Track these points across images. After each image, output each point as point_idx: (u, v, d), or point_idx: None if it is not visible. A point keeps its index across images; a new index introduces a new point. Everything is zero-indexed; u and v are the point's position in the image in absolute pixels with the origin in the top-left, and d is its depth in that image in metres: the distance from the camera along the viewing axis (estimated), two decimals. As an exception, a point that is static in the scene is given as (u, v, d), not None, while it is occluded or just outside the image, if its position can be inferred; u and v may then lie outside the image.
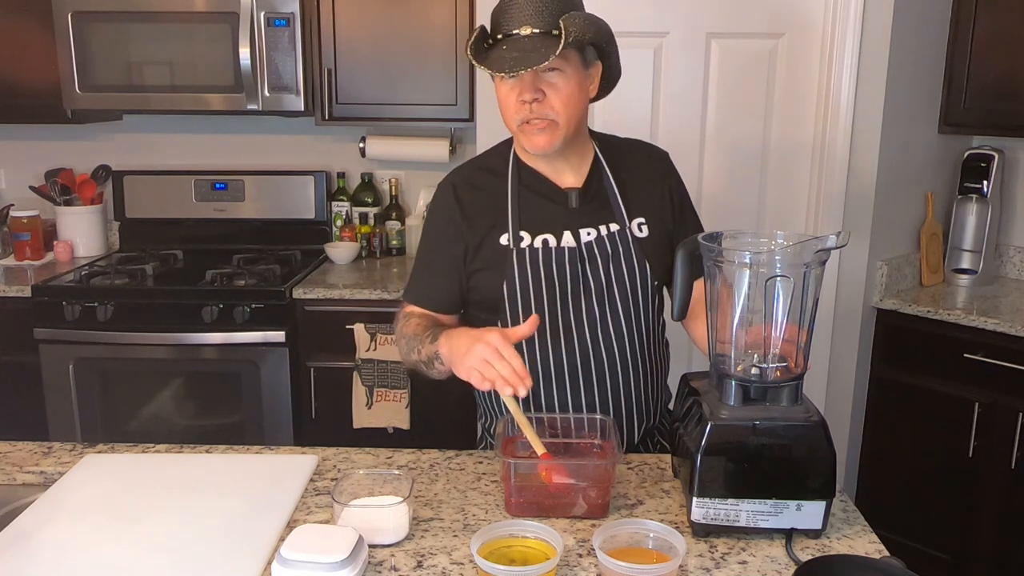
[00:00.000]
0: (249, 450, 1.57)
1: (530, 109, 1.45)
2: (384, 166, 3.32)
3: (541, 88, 1.45)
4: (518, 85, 1.45)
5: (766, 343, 1.27)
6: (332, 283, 2.87)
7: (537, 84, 1.44)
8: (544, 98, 1.45)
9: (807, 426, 1.24)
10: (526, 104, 1.45)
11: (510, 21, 1.44)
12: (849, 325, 2.78)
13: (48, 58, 2.87)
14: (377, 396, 2.79)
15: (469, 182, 1.62)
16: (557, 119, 1.47)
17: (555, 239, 1.55)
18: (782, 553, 1.23)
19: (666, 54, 2.64)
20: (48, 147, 3.34)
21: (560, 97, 1.46)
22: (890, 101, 2.63)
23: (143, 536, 1.25)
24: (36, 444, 1.58)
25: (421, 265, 1.66)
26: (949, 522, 2.72)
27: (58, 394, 2.81)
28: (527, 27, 1.42)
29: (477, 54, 1.44)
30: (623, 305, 1.56)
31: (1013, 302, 2.76)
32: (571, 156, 1.57)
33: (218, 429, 2.84)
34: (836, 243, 1.23)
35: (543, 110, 1.46)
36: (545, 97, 1.45)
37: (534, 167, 1.58)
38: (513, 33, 1.43)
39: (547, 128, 1.47)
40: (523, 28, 1.42)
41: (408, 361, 1.57)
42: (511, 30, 1.43)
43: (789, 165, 2.72)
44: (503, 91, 1.48)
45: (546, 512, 1.31)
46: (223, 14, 2.80)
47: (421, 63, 2.92)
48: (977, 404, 2.59)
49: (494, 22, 1.48)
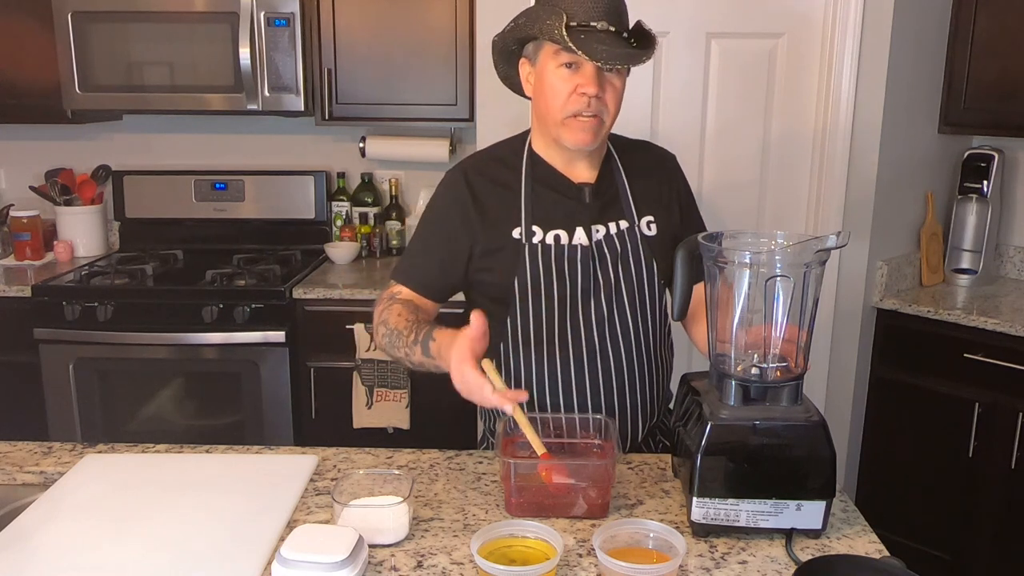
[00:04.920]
0: (249, 450, 1.57)
1: (588, 103, 1.45)
2: (384, 166, 3.32)
3: (604, 85, 1.45)
4: (579, 76, 1.44)
5: (766, 343, 1.27)
6: (332, 283, 2.87)
7: (601, 80, 1.45)
8: (603, 95, 1.46)
9: (807, 426, 1.24)
10: (586, 97, 1.44)
11: (584, 10, 1.42)
12: (849, 325, 2.78)
13: (48, 58, 2.87)
14: (377, 396, 2.79)
15: (482, 172, 1.60)
16: (606, 118, 1.48)
17: (567, 235, 1.54)
18: (782, 553, 1.23)
19: (666, 54, 2.64)
20: (48, 147, 3.35)
21: (615, 97, 1.48)
22: (890, 101, 2.63)
23: (143, 536, 1.25)
24: (36, 444, 1.58)
25: (417, 247, 1.62)
26: (949, 522, 2.72)
27: (58, 394, 2.81)
28: (603, 22, 1.42)
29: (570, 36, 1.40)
30: (631, 303, 1.56)
31: (1013, 302, 2.76)
32: (590, 152, 1.57)
33: (218, 429, 2.84)
34: (836, 243, 1.23)
35: (599, 106, 1.46)
36: (604, 94, 1.46)
37: (548, 161, 1.58)
38: (590, 25, 1.42)
39: (595, 126, 1.48)
40: (599, 22, 1.42)
41: (389, 353, 1.53)
42: (586, 20, 1.42)
43: (789, 165, 2.72)
44: (557, 78, 1.46)
45: (546, 512, 1.31)
46: (223, 14, 2.80)
47: (421, 63, 2.92)
48: (977, 404, 2.59)
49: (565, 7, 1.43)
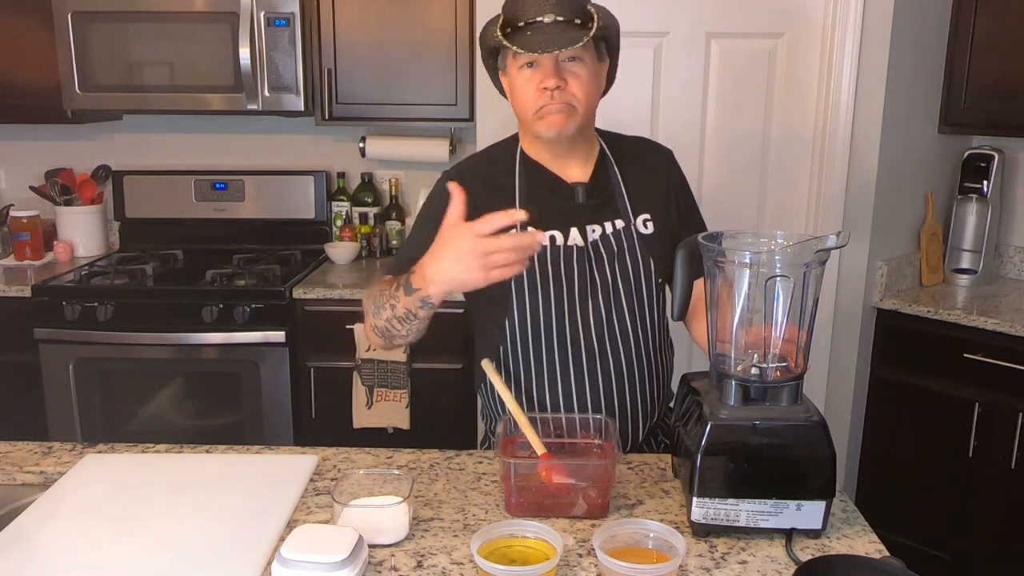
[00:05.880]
0: (249, 450, 1.57)
1: (551, 95, 1.45)
2: (384, 166, 3.32)
3: (564, 76, 1.45)
4: (539, 73, 1.45)
5: (766, 343, 1.27)
6: (332, 283, 2.87)
7: (559, 72, 1.45)
8: (565, 85, 1.46)
9: (807, 426, 1.24)
10: (547, 91, 1.45)
11: (530, 8, 1.43)
12: (849, 325, 2.77)
13: (48, 58, 2.87)
14: (377, 396, 2.79)
15: (476, 173, 1.60)
16: (577, 105, 1.48)
17: (562, 236, 1.54)
18: (782, 553, 1.23)
19: (666, 54, 2.64)
20: (48, 147, 3.34)
21: (581, 84, 1.47)
22: (890, 101, 2.63)
23: (143, 536, 1.25)
24: (36, 444, 1.58)
25: (412, 247, 1.58)
26: (949, 522, 2.72)
27: (58, 394, 2.81)
28: (550, 15, 1.42)
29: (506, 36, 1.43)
30: (628, 302, 1.56)
31: (1013, 302, 2.76)
32: (578, 149, 1.57)
33: (218, 429, 2.84)
34: (836, 243, 1.23)
35: (564, 96, 1.46)
36: (566, 84, 1.46)
37: (540, 162, 1.58)
38: (536, 20, 1.43)
39: (565, 110, 1.47)
40: (546, 16, 1.42)
41: (378, 326, 1.49)
42: (533, 17, 1.43)
43: (789, 165, 2.72)
44: (521, 80, 1.48)
45: (546, 512, 1.31)
46: (223, 14, 2.80)
47: (421, 63, 2.92)
48: (977, 404, 2.59)
49: (511, 12, 1.46)
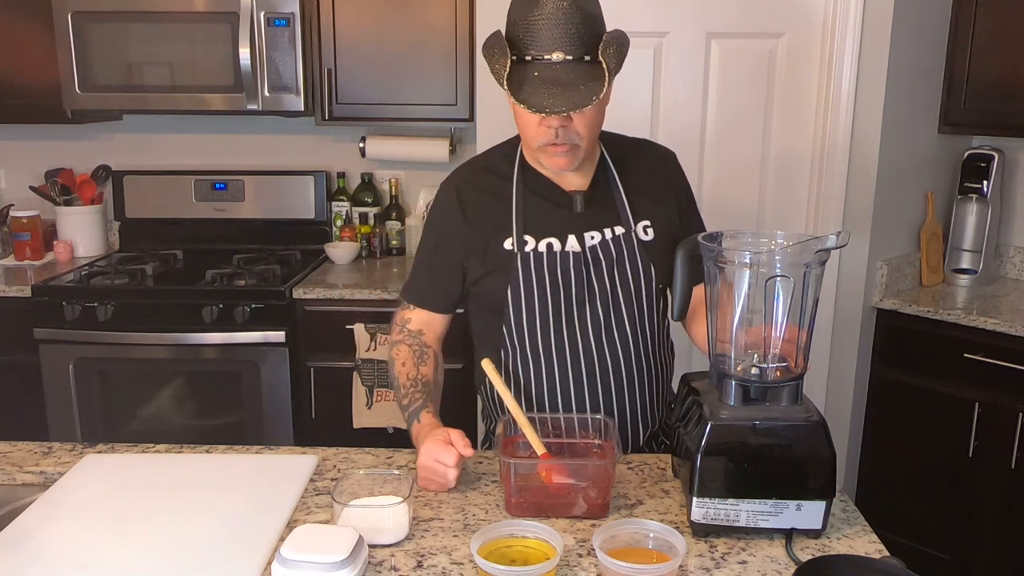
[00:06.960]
0: (249, 450, 1.57)
1: (555, 134, 1.42)
2: (384, 166, 3.32)
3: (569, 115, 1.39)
4: None
5: (766, 343, 1.27)
6: (332, 283, 2.87)
7: None
8: (570, 123, 1.42)
9: (807, 426, 1.24)
10: (552, 129, 1.42)
11: (538, 43, 1.36)
12: (849, 325, 2.77)
13: (48, 58, 2.87)
14: (377, 396, 2.79)
15: (472, 183, 1.61)
16: (581, 143, 1.45)
17: (559, 243, 1.54)
18: (782, 553, 1.23)
19: (666, 54, 2.64)
20: (48, 147, 3.34)
21: (585, 122, 1.43)
22: (890, 101, 2.63)
23: (143, 536, 1.25)
24: (36, 444, 1.58)
25: (421, 265, 1.66)
26: (949, 522, 2.72)
27: (58, 394, 2.81)
28: (558, 52, 1.36)
29: (511, 83, 1.36)
30: (628, 309, 1.55)
31: (1013, 302, 2.76)
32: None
33: (218, 429, 2.84)
34: (836, 243, 1.23)
35: (568, 135, 1.43)
36: (571, 123, 1.42)
37: (539, 170, 1.57)
38: (544, 58, 1.37)
39: (570, 151, 1.45)
40: (554, 53, 1.36)
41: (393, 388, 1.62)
42: (540, 54, 1.37)
43: (789, 165, 2.72)
44: (524, 112, 1.40)
45: (546, 512, 1.31)
46: (223, 14, 2.80)
47: (421, 63, 2.92)
48: (977, 404, 2.59)
49: (515, 37, 1.39)
